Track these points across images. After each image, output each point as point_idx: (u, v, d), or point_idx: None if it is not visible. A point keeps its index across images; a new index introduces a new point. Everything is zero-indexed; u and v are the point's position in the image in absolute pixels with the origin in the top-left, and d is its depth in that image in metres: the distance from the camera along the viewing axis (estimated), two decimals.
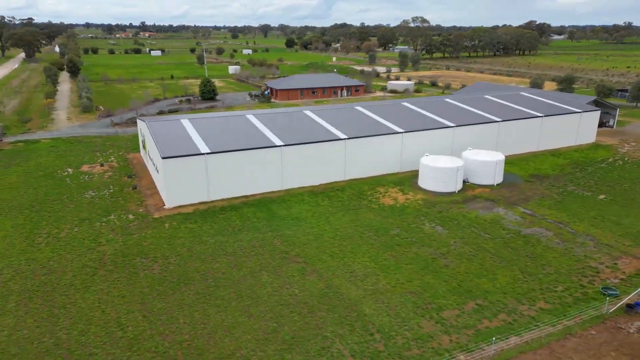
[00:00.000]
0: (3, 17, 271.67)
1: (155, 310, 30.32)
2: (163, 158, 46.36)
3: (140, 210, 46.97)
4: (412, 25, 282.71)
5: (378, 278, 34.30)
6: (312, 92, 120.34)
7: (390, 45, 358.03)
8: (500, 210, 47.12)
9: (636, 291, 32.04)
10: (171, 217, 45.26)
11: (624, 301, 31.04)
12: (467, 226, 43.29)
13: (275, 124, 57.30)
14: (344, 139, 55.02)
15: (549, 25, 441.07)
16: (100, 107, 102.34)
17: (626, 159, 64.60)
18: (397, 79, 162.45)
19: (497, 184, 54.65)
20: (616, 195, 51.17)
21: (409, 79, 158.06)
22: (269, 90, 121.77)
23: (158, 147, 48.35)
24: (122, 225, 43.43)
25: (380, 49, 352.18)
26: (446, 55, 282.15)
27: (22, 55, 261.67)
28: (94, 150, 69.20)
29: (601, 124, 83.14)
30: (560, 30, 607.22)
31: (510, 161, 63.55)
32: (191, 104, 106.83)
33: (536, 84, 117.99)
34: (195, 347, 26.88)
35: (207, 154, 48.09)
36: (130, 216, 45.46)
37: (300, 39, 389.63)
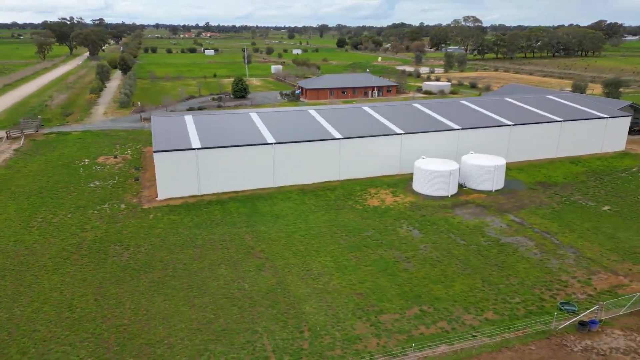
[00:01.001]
0: (72, 18, 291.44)
1: (108, 295, 31.99)
2: (154, 151, 48.50)
3: (134, 200, 49.37)
4: (463, 24, 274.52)
5: (331, 278, 34.27)
6: (342, 92, 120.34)
7: (442, 45, 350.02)
8: (488, 217, 45.43)
9: (592, 309, 30.07)
10: (159, 208, 47.27)
11: (577, 318, 29.24)
12: (445, 231, 42.14)
13: (275, 122, 58.19)
14: (339, 138, 55.00)
15: (621, 25, 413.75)
16: (138, 103, 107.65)
17: None
18: (438, 79, 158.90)
19: (495, 190, 52.64)
20: (623, 206, 47.86)
21: (448, 80, 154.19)
22: (299, 90, 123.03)
23: (153, 141, 50.61)
24: (112, 214, 45.89)
25: (432, 49, 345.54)
26: (499, 56, 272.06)
27: (87, 54, 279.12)
28: (115, 143, 73.16)
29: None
30: (637, 30, 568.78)
31: (520, 167, 60.95)
32: (221, 102, 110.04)
33: (578, 87, 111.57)
34: (130, 332, 28.18)
35: (198, 149, 49.75)
36: (122, 206, 47.91)
37: (352, 39, 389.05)
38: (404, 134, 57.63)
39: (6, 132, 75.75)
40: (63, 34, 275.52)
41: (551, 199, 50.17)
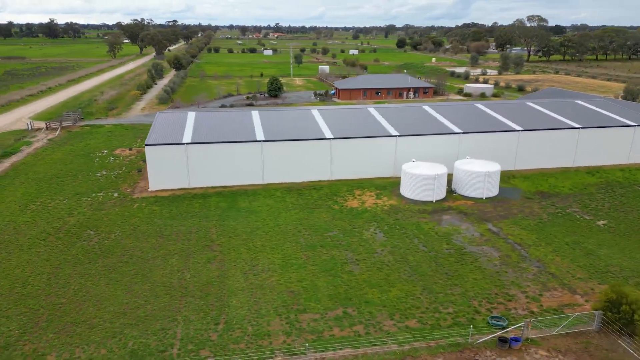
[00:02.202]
0: (143, 19, 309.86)
1: (61, 275, 34.49)
2: (145, 145, 51.22)
3: (128, 190, 52.40)
4: (527, 24, 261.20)
5: (272, 275, 34.73)
6: (376, 92, 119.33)
7: (508, 46, 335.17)
8: (463, 225, 43.75)
9: (517, 325, 28.33)
10: (146, 199, 49.87)
11: (498, 334, 27.73)
12: (411, 237, 41.16)
13: (273, 121, 59.26)
14: (329, 138, 55.08)
15: None
16: (178, 99, 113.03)
17: None
18: (486, 82, 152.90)
19: (486, 198, 50.43)
20: (622, 222, 44.22)
21: (496, 83, 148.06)
22: (334, 90, 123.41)
23: (149, 134, 53.42)
24: (102, 201, 49.07)
25: (497, 50, 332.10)
26: (567, 57, 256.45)
27: (154, 53, 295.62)
28: (138, 137, 77.56)
29: None
30: None
31: (527, 175, 57.86)
32: (253, 100, 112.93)
33: (631, 92, 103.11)
34: (62, 310, 30.32)
35: (188, 143, 51.88)
36: (115, 195, 51.04)
37: (412, 40, 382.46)
38: (399, 136, 56.61)
39: (46, 124, 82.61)
40: (134, 35, 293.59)
41: (544, 209, 47.32)
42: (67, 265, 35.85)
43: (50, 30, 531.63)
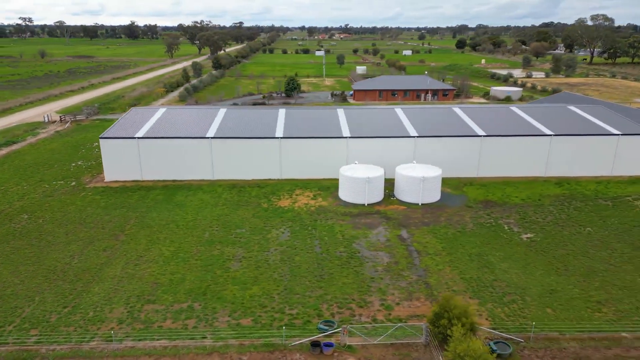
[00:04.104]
0: (202, 21, 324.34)
1: None
2: (100, 137, 54.63)
3: (87, 180, 56.10)
4: (590, 24, 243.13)
5: (152, 266, 36.10)
6: (392, 94, 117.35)
7: (576, 47, 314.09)
8: (375, 230, 42.71)
9: (333, 331, 27.55)
10: (96, 188, 53.18)
11: (312, 338, 27.21)
12: (315, 238, 40.90)
13: (235, 119, 60.74)
14: (279, 137, 55.59)
15: None
16: (194, 99, 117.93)
17: None
18: (523, 85, 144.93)
19: (422, 204, 48.69)
20: (551, 237, 41.08)
21: (533, 86, 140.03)
22: (352, 91, 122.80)
23: (109, 128, 56.87)
24: (57, 189, 53.00)
25: (563, 52, 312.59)
26: (635, 60, 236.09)
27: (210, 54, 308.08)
28: None
29: None
30: None
31: (486, 183, 55.04)
32: (266, 100, 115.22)
33: None
34: None
35: (139, 138, 54.63)
36: (73, 183, 54.87)
37: (473, 40, 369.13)
38: (350, 137, 55.96)
39: (60, 117, 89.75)
40: (193, 36, 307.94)
41: (474, 219, 44.97)
42: None
43: (131, 32, 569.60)
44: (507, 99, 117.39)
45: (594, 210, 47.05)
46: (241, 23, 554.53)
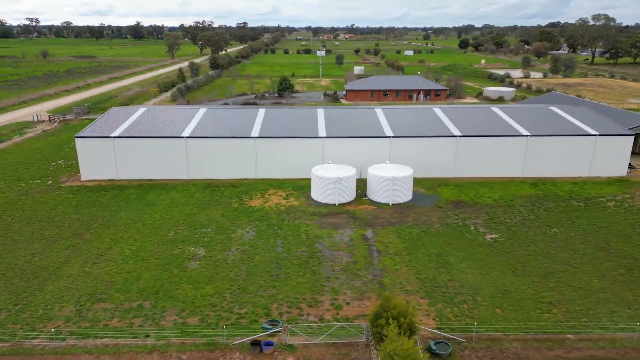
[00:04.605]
0: (204, 21, 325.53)
1: None
2: (75, 137, 55.00)
3: (64, 179, 56.48)
4: (591, 24, 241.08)
5: (110, 265, 36.25)
6: (384, 94, 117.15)
7: (579, 47, 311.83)
8: (341, 230, 42.67)
9: (273, 330, 27.56)
10: (71, 187, 53.52)
11: (253, 337, 27.24)
12: (279, 237, 40.94)
13: (212, 119, 60.90)
14: (254, 137, 55.69)
15: None
16: (186, 99, 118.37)
17: (627, 204, 49.48)
18: (519, 85, 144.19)
19: (393, 204, 48.58)
20: (515, 237, 40.86)
21: (528, 86, 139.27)
22: (345, 92, 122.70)
23: (86, 127, 57.25)
24: (33, 187, 53.39)
25: (567, 52, 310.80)
26: (638, 60, 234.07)
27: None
28: None
29: None
30: None
31: (460, 183, 54.82)
32: (257, 100, 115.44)
33: None
34: None
35: (114, 137, 54.94)
36: (49, 182, 55.25)
37: (475, 40, 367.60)
38: (326, 137, 55.95)
39: (49, 116, 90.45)
40: (195, 36, 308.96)
41: (442, 219, 44.81)
42: None
43: (136, 32, 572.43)
44: (500, 99, 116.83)
45: (565, 211, 46.72)
46: (245, 23, 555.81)
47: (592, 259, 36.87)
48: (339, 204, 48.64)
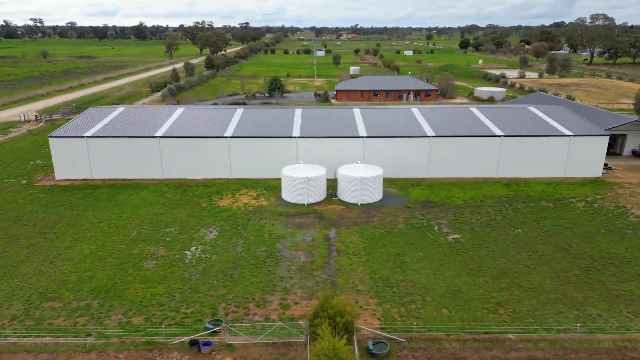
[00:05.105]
0: (203, 22, 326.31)
1: None
2: (49, 136, 55.28)
3: (39, 178, 56.75)
4: (589, 23, 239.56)
5: (67, 264, 36.32)
6: (374, 94, 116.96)
7: (580, 47, 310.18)
8: (305, 230, 42.64)
9: (213, 330, 27.56)
10: (44, 187, 53.75)
11: (192, 337, 27.27)
12: (241, 237, 40.96)
13: (188, 119, 61.01)
14: (228, 137, 55.76)
15: None
16: (175, 99, 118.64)
17: (597, 205, 49.19)
18: (512, 85, 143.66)
19: (362, 204, 48.49)
20: (478, 238, 40.71)
21: (521, 86, 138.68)
22: (335, 92, 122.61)
23: (62, 127, 57.51)
24: (6, 187, 53.67)
25: (567, 52, 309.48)
26: (637, 60, 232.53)
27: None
28: None
29: None
30: None
31: (432, 184, 54.64)
32: (246, 100, 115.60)
33: None
34: None
35: (88, 137, 55.16)
36: (24, 182, 55.53)
37: (476, 40, 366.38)
38: (300, 137, 55.94)
39: (35, 116, 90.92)
40: (194, 36, 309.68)
41: (408, 219, 44.69)
42: None
43: (139, 32, 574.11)
44: (491, 100, 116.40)
45: (533, 211, 46.49)
46: (247, 23, 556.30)
47: (549, 260, 36.67)
48: (308, 204, 48.61)
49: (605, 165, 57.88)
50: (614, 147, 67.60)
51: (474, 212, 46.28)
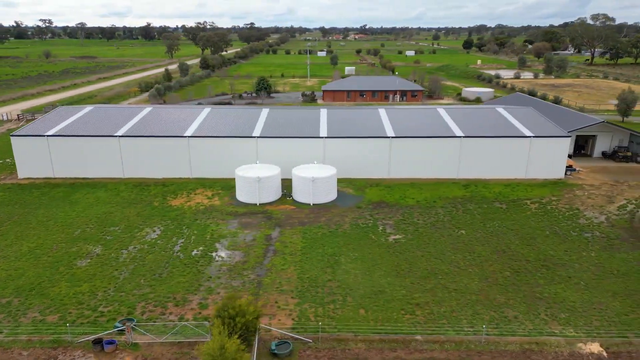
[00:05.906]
0: (204, 22, 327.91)
1: None
2: (10, 135, 55.82)
3: (3, 177, 57.33)
4: (590, 23, 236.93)
5: (1, 261, 36.71)
6: (361, 94, 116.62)
7: (583, 47, 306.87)
8: (248, 230, 42.61)
9: (116, 329, 27.60)
10: (5, 185, 54.23)
11: (98, 335, 27.33)
12: (182, 237, 41.03)
13: (153, 118, 61.28)
14: (187, 136, 55.93)
15: None
16: (161, 99, 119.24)
17: (550, 207, 48.61)
18: (504, 86, 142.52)
19: (314, 204, 48.36)
20: (420, 239, 40.39)
21: (512, 87, 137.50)
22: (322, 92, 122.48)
23: (26, 126, 58.04)
24: None
25: (571, 52, 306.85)
26: (639, 60, 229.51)
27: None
28: None
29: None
30: None
31: (391, 184, 54.34)
32: (232, 100, 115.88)
33: (625, 100, 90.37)
34: None
35: (49, 136, 55.62)
36: None
37: (479, 41, 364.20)
38: (259, 137, 55.94)
39: (17, 115, 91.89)
40: (195, 37, 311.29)
41: (355, 220, 44.47)
42: None
43: (147, 33, 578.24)
44: (477, 100, 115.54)
45: (484, 212, 46.04)
46: (252, 24, 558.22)
47: (483, 261, 36.28)
48: (260, 204, 48.58)
49: (570, 166, 57.15)
50: (585, 148, 66.77)
51: (423, 213, 45.93)
